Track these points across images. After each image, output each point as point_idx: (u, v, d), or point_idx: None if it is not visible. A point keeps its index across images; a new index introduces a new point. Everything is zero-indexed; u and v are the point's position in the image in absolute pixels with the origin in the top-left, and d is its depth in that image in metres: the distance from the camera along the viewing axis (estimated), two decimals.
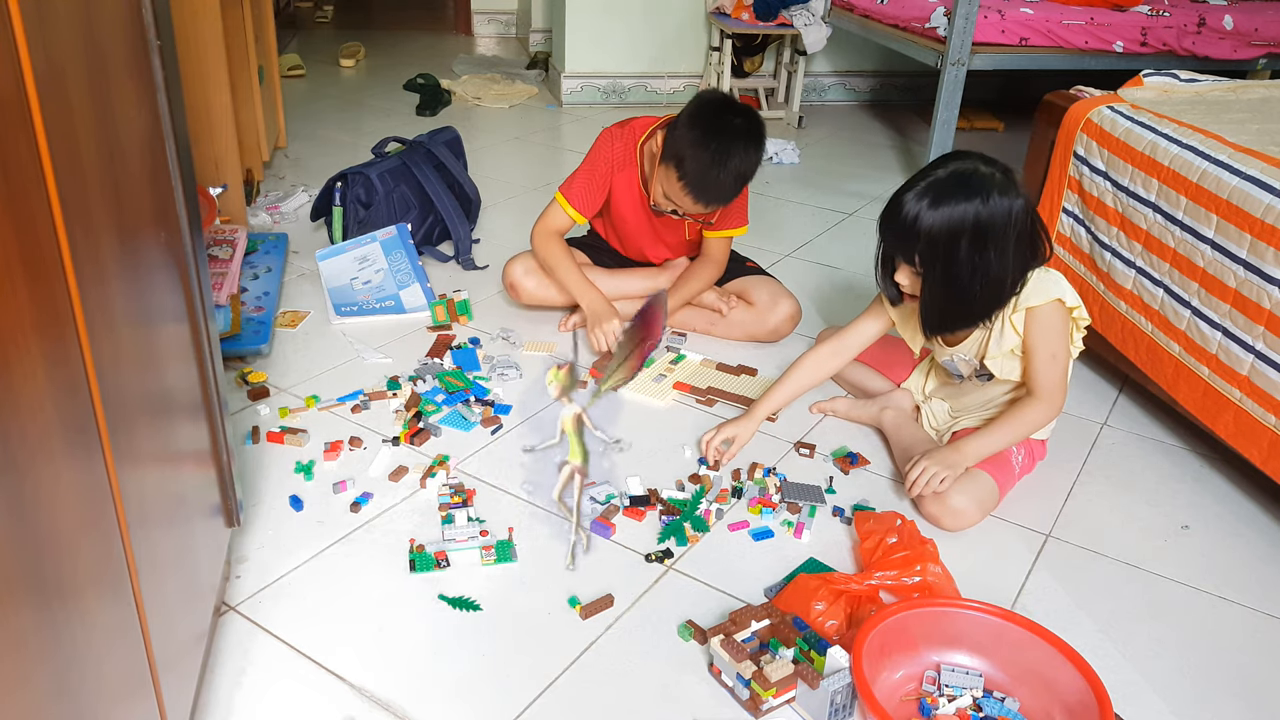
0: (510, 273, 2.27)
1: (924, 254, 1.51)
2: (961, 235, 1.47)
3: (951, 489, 1.61)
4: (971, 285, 1.51)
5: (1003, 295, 1.56)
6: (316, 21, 6.18)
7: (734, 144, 1.93)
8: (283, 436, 1.78)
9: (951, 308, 1.56)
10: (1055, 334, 1.60)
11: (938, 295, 1.55)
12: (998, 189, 1.48)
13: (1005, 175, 1.51)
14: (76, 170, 0.82)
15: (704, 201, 1.98)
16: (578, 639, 1.38)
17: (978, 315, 1.58)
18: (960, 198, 1.47)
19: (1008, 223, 1.48)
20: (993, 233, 1.47)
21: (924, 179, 1.52)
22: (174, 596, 1.09)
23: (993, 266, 1.50)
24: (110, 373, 0.88)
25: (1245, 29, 3.31)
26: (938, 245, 1.49)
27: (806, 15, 3.90)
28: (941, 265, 1.51)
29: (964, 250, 1.48)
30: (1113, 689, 1.21)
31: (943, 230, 1.47)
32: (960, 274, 1.50)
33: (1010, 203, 1.48)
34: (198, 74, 2.39)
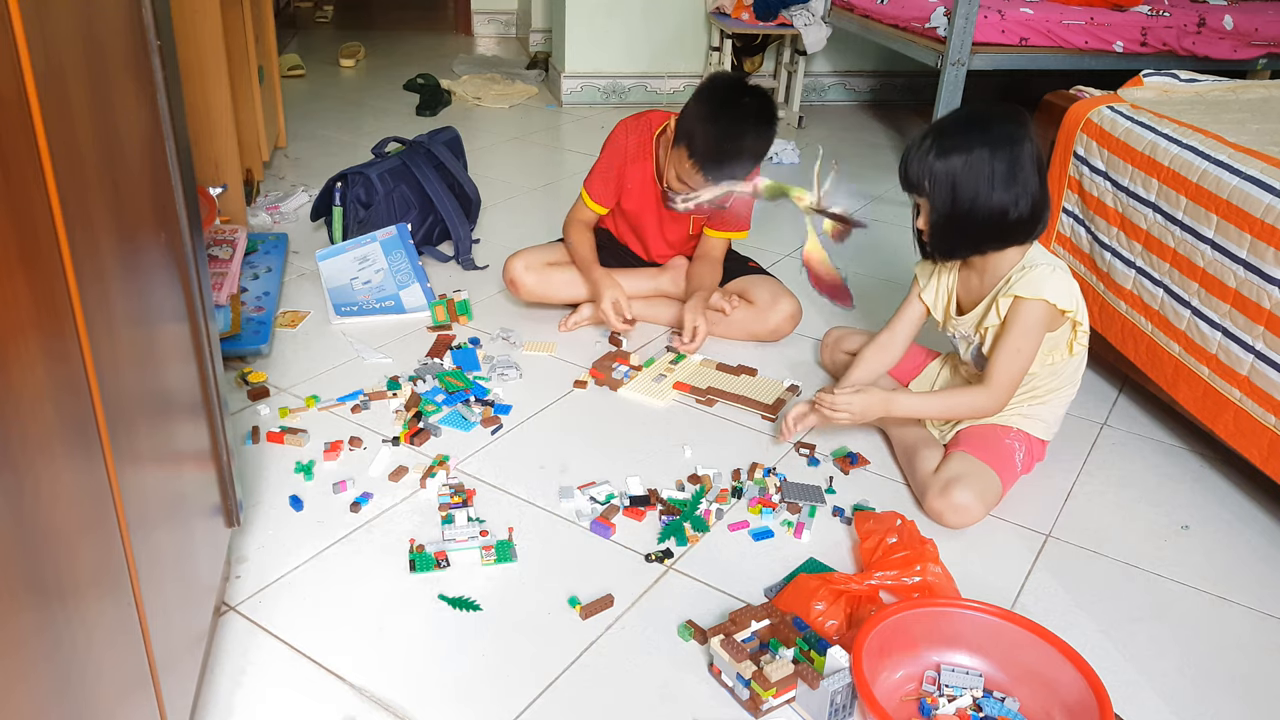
0: (510, 269, 2.27)
1: (933, 189, 1.59)
2: (964, 170, 1.56)
3: (959, 484, 1.61)
4: (975, 214, 1.58)
5: (1004, 228, 1.60)
6: (316, 21, 6.17)
7: (744, 121, 1.94)
8: (283, 436, 1.78)
9: (952, 230, 1.62)
10: (1027, 330, 1.61)
11: (940, 220, 1.62)
12: (999, 121, 1.57)
13: (1013, 114, 1.59)
14: (76, 170, 0.82)
15: (715, 178, 1.97)
16: (578, 639, 1.38)
17: (980, 244, 1.64)
18: (963, 133, 1.58)
19: (1009, 153, 1.55)
20: (1000, 165, 1.55)
21: (935, 123, 1.63)
22: (174, 596, 1.09)
23: (992, 196, 1.56)
24: (110, 372, 0.88)
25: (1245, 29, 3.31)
26: (940, 176, 1.57)
27: (806, 15, 3.90)
28: (945, 192, 1.58)
29: (968, 184, 1.56)
30: (1113, 689, 1.21)
31: (943, 163, 1.57)
32: (965, 205, 1.58)
33: (1013, 132, 1.56)
34: (198, 74, 2.39)
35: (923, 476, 1.69)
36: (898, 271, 2.63)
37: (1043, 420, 1.74)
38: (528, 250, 2.29)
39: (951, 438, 1.76)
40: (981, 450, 1.68)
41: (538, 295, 2.27)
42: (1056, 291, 1.59)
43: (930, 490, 1.64)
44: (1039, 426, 1.74)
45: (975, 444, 1.70)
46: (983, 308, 1.69)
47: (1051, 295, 1.58)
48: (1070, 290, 1.62)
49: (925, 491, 1.65)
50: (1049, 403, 1.74)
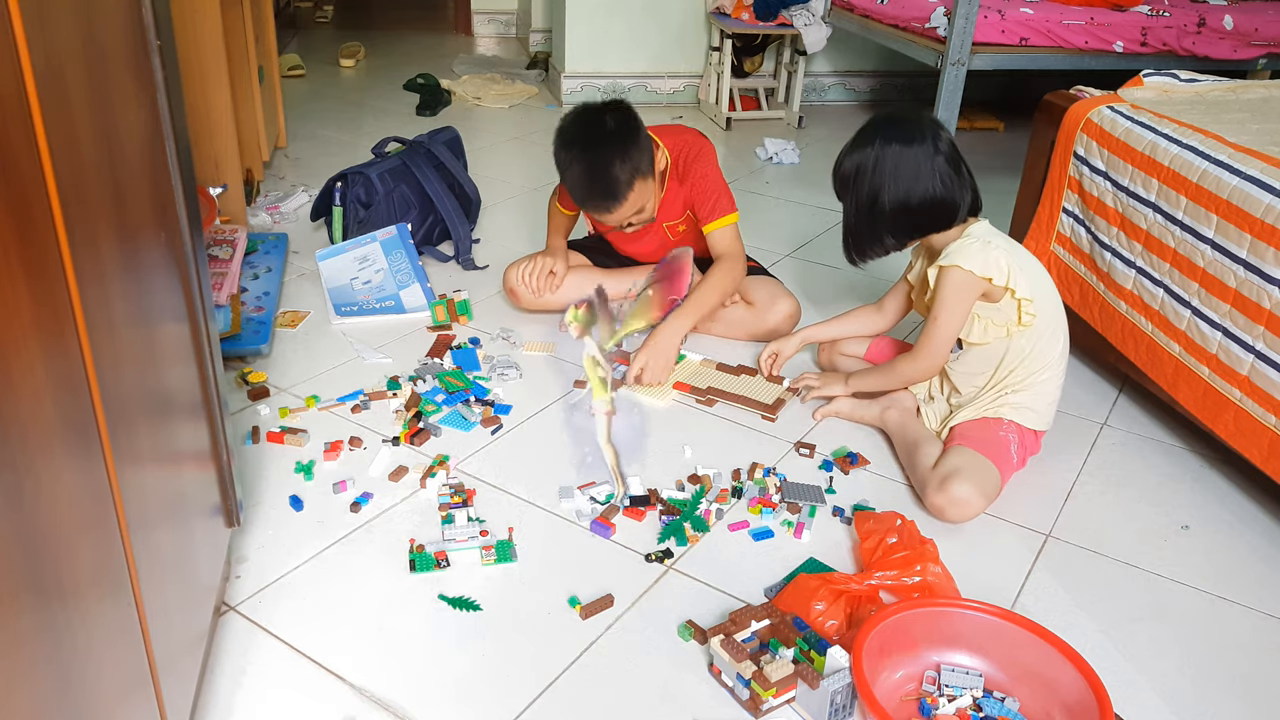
0: (510, 278, 2.27)
1: (840, 190, 1.77)
2: (861, 169, 1.71)
3: (958, 478, 1.61)
4: (870, 212, 1.72)
5: (910, 219, 1.72)
6: (316, 21, 6.17)
7: (588, 148, 1.94)
8: (283, 436, 1.78)
9: (858, 230, 1.77)
10: (947, 295, 1.70)
11: (850, 221, 1.78)
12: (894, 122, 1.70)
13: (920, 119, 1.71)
14: (76, 170, 0.82)
15: (603, 209, 2.01)
16: (578, 639, 1.38)
17: (879, 239, 1.76)
18: (864, 139, 1.71)
19: (900, 148, 1.67)
20: (884, 164, 1.68)
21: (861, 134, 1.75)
22: (174, 596, 1.09)
23: (890, 195, 1.69)
24: (110, 373, 0.88)
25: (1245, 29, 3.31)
26: (846, 181, 1.74)
27: (806, 15, 3.90)
28: (852, 197, 1.75)
29: (866, 182, 1.70)
30: (1113, 689, 1.21)
31: (848, 168, 1.73)
32: (861, 202, 1.73)
33: (907, 130, 1.68)
34: (198, 74, 2.39)
35: (922, 472, 1.69)
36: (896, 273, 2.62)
37: (1032, 410, 1.74)
38: (526, 259, 2.28)
39: (948, 434, 1.76)
40: (978, 443, 1.69)
41: (538, 305, 2.27)
42: (972, 260, 1.66)
43: (929, 485, 1.64)
44: (1030, 416, 1.74)
45: (971, 438, 1.70)
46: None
47: (966, 263, 1.66)
48: (987, 259, 1.66)
49: (925, 487, 1.66)
50: (1033, 390, 1.73)
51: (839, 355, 2.06)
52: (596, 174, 1.95)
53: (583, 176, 1.97)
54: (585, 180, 1.97)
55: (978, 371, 1.77)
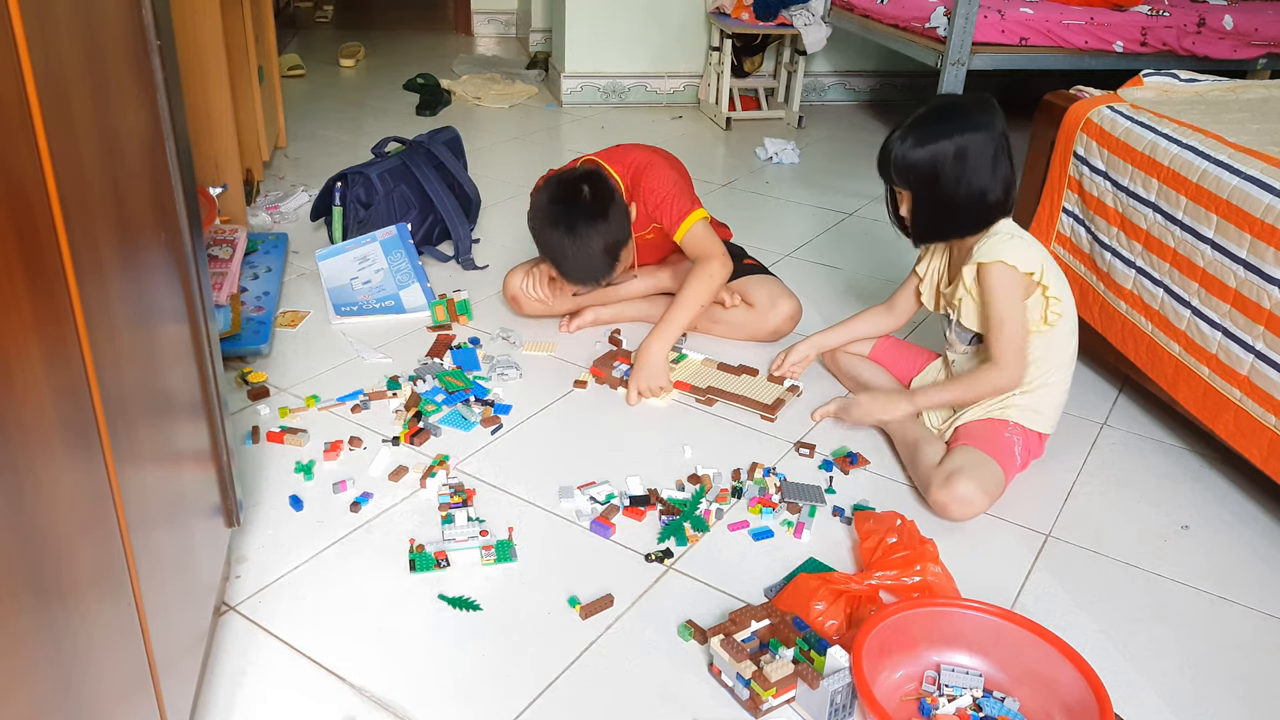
0: (510, 285, 2.27)
1: (915, 180, 1.67)
2: (945, 159, 1.63)
3: (962, 476, 1.61)
4: (954, 200, 1.65)
5: (986, 207, 1.67)
6: (316, 21, 6.18)
7: (571, 231, 1.94)
8: (283, 436, 1.78)
9: (939, 217, 1.71)
10: (1000, 296, 1.66)
11: (926, 210, 1.70)
12: (978, 113, 1.64)
13: (984, 102, 1.66)
14: (76, 170, 0.82)
15: (580, 285, 2.07)
16: (578, 639, 1.38)
17: (964, 226, 1.71)
18: (940, 125, 1.64)
19: (987, 142, 1.62)
20: (973, 151, 1.62)
21: (911, 117, 1.69)
22: (174, 597, 1.09)
23: (973, 181, 1.64)
24: (110, 373, 0.88)
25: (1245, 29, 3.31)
26: (923, 170, 1.65)
27: (806, 15, 3.90)
28: (929, 187, 1.67)
29: (950, 171, 1.63)
30: (1113, 689, 1.21)
31: (927, 157, 1.64)
32: (948, 191, 1.65)
33: (989, 125, 1.63)
34: (198, 74, 2.39)
35: (925, 471, 1.69)
36: (899, 272, 2.62)
37: (1038, 412, 1.74)
38: (526, 265, 2.28)
39: (952, 433, 1.76)
40: (982, 443, 1.69)
41: (539, 311, 2.26)
42: (1014, 254, 1.64)
43: (933, 483, 1.64)
44: (1036, 419, 1.74)
45: (976, 437, 1.70)
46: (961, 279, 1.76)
47: (1010, 257, 1.64)
48: (1029, 254, 1.65)
49: (928, 485, 1.65)
50: (1041, 393, 1.73)
51: (843, 354, 2.05)
52: (583, 256, 1.96)
53: (572, 260, 1.98)
54: (574, 263, 1.98)
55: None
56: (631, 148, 2.18)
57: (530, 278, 2.22)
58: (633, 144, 2.21)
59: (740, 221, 2.74)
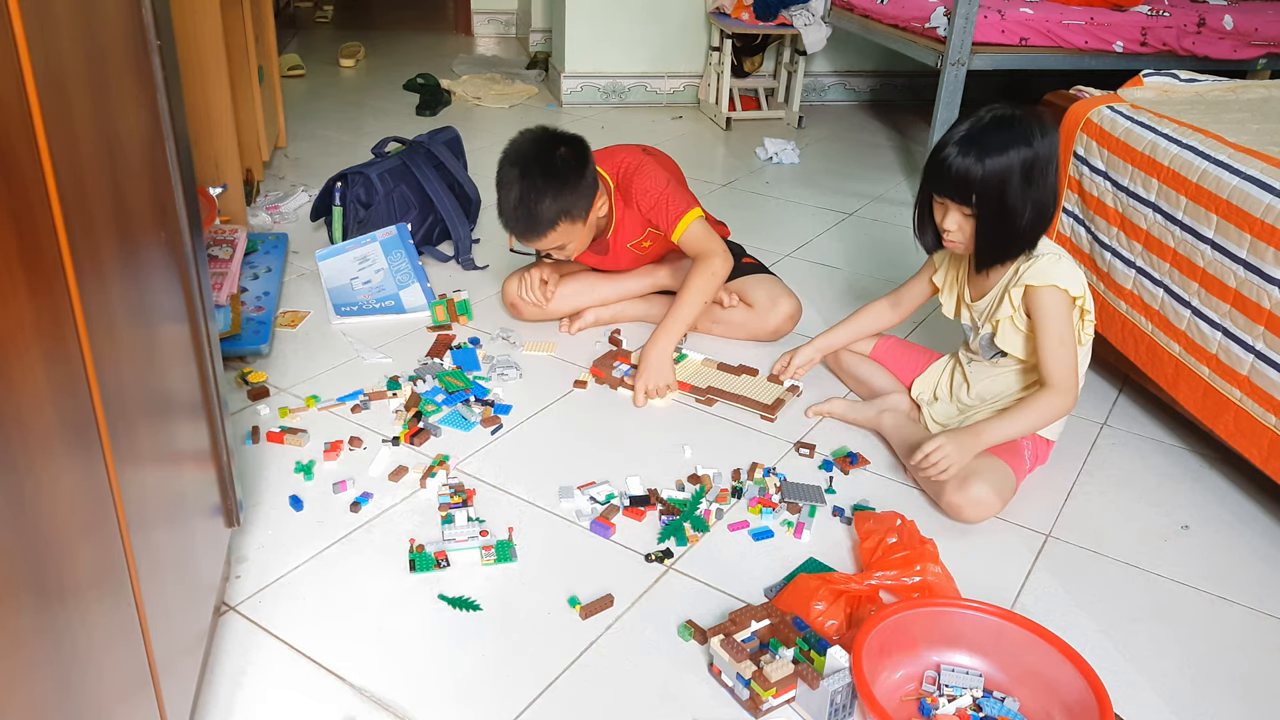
0: (509, 292, 2.27)
1: (980, 195, 1.60)
2: (1013, 174, 1.58)
3: (976, 479, 1.61)
4: (1022, 217, 1.61)
5: (1046, 222, 1.64)
6: (316, 21, 6.17)
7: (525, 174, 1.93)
8: (283, 436, 1.78)
9: (1006, 239, 1.65)
10: (1056, 319, 1.63)
11: (993, 230, 1.63)
12: (1038, 128, 1.60)
13: (1038, 116, 1.63)
14: (76, 170, 0.82)
15: (518, 235, 2.00)
16: (578, 639, 1.38)
17: (1025, 244, 1.66)
18: (1008, 140, 1.58)
19: (1050, 157, 1.60)
20: (1037, 167, 1.58)
21: (965, 128, 1.62)
22: (174, 597, 1.09)
23: (1037, 197, 1.60)
24: (110, 373, 0.88)
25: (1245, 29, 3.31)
26: (992, 186, 1.59)
27: (806, 15, 3.90)
28: (997, 203, 1.60)
29: (1017, 186, 1.58)
30: (1113, 689, 1.21)
31: (996, 172, 1.58)
32: (1014, 208, 1.60)
33: (1050, 139, 1.61)
34: (198, 74, 2.39)
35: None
36: (899, 272, 2.63)
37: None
38: (521, 270, 2.28)
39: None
40: (995, 447, 1.68)
41: (538, 315, 2.26)
42: (1065, 277, 1.62)
43: (948, 485, 1.63)
44: (1047, 429, 1.74)
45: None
46: (993, 297, 1.72)
47: (1062, 281, 1.62)
48: (1077, 276, 1.64)
49: (941, 488, 1.65)
50: None
51: (845, 353, 2.04)
52: (527, 203, 1.93)
53: (514, 201, 1.95)
54: (515, 205, 1.95)
55: (1015, 386, 1.76)
56: (621, 149, 2.16)
57: (524, 282, 2.22)
58: (623, 145, 2.20)
59: (740, 221, 2.74)
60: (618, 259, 2.20)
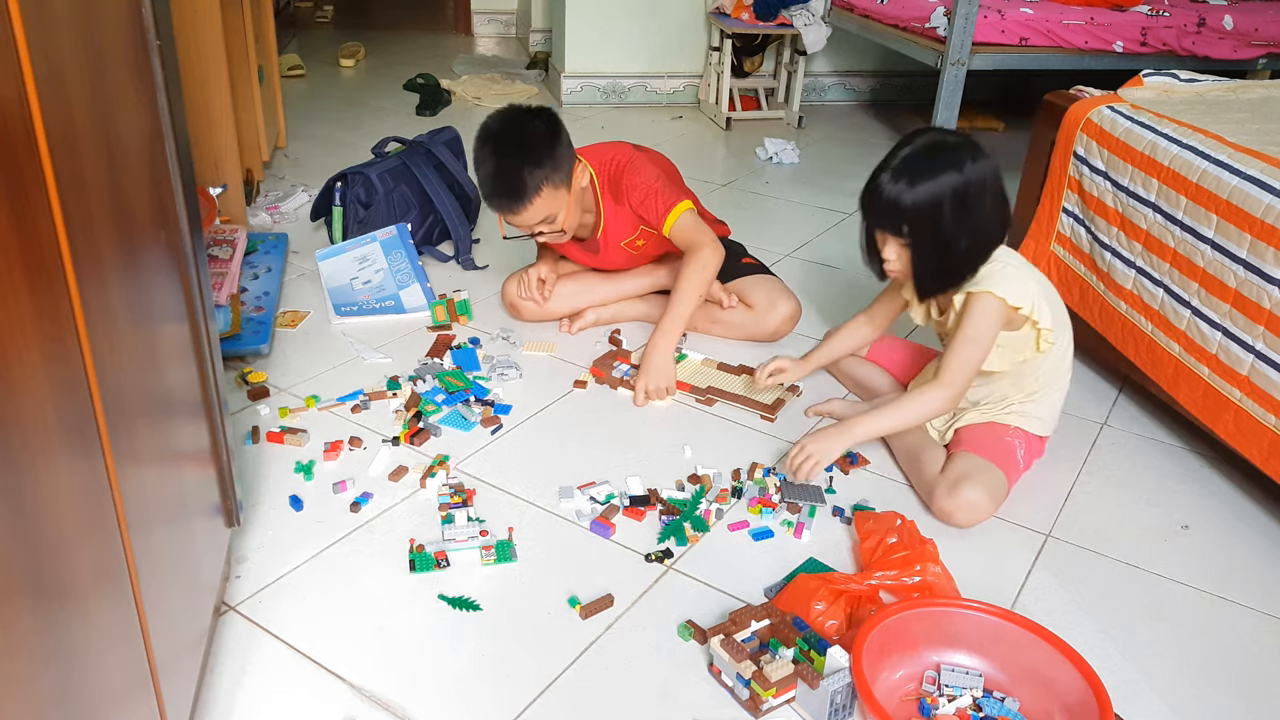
0: (508, 293, 2.27)
1: (912, 225, 1.58)
2: (944, 202, 1.55)
3: (967, 483, 1.60)
4: (958, 245, 1.59)
5: (987, 250, 1.62)
6: (316, 21, 6.17)
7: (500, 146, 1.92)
8: (283, 436, 1.78)
9: (943, 268, 1.63)
10: (974, 322, 1.62)
11: (929, 259, 1.62)
12: (970, 154, 1.56)
13: (972, 142, 1.59)
14: (76, 170, 0.82)
15: (506, 209, 1.95)
16: (578, 639, 1.38)
17: (966, 272, 1.63)
18: (938, 168, 1.55)
19: (984, 184, 1.56)
20: (971, 195, 1.56)
21: (897, 156, 1.59)
22: (174, 596, 1.09)
23: (975, 225, 1.58)
24: (110, 373, 0.88)
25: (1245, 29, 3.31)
26: (924, 215, 1.56)
27: (806, 15, 3.90)
28: (930, 232, 1.58)
29: (949, 215, 1.56)
30: (1113, 689, 1.21)
31: (927, 201, 1.55)
32: (948, 237, 1.57)
33: (983, 165, 1.57)
34: (198, 74, 2.39)
35: (929, 478, 1.68)
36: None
37: (1039, 418, 1.74)
38: (522, 271, 2.28)
39: (952, 438, 1.76)
40: (984, 448, 1.68)
41: (538, 316, 2.26)
42: (1005, 286, 1.60)
43: (938, 490, 1.63)
44: (1036, 424, 1.74)
45: (977, 443, 1.70)
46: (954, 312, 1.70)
47: (999, 289, 1.59)
48: (1022, 289, 1.61)
49: (932, 492, 1.65)
50: (1041, 400, 1.74)
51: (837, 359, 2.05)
52: (505, 173, 1.91)
53: (492, 173, 1.92)
54: (493, 177, 1.93)
55: (996, 394, 1.76)
56: (610, 145, 2.15)
57: (522, 282, 2.22)
58: (613, 142, 2.19)
59: (740, 221, 2.74)
60: (611, 258, 2.20)
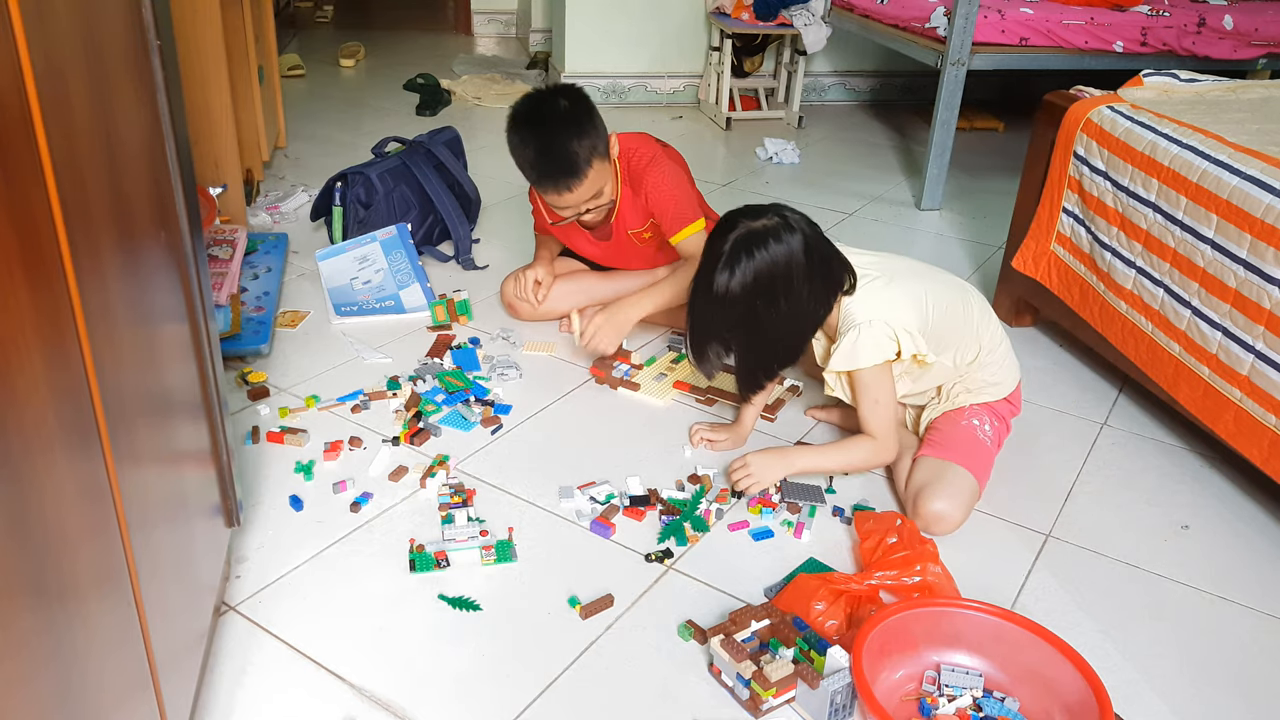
0: (506, 291, 2.27)
1: (732, 324, 1.57)
2: (757, 294, 1.52)
3: (928, 494, 1.59)
4: (777, 334, 1.58)
5: (808, 328, 1.61)
6: (316, 21, 6.17)
7: (544, 123, 1.91)
8: (283, 436, 1.78)
9: (766, 360, 1.64)
10: (867, 387, 1.61)
11: (752, 353, 1.62)
12: (772, 238, 1.52)
13: (780, 220, 1.55)
14: (76, 170, 0.82)
15: (562, 186, 1.93)
16: (578, 639, 1.38)
17: (787, 358, 1.65)
18: (745, 260, 1.51)
19: (790, 267, 1.52)
20: (778, 281, 1.52)
21: (712, 259, 1.55)
22: (174, 597, 1.09)
23: (791, 309, 1.55)
24: (110, 373, 0.88)
25: (1245, 29, 3.31)
26: (739, 312, 1.54)
27: (806, 15, 3.90)
28: (748, 327, 1.57)
29: (763, 306, 1.54)
30: (1113, 689, 1.21)
31: (740, 297, 1.53)
32: (765, 327, 1.56)
33: (789, 245, 1.52)
34: (198, 74, 2.39)
35: (899, 491, 1.69)
36: None
37: (991, 383, 1.72)
38: (519, 270, 2.27)
39: (924, 434, 1.75)
40: (944, 448, 1.66)
41: (537, 315, 2.26)
42: (867, 355, 1.57)
43: (907, 507, 1.64)
44: (991, 390, 1.72)
45: (939, 441, 1.68)
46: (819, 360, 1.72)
47: (864, 360, 1.58)
48: (882, 343, 1.58)
49: (904, 507, 1.65)
50: (983, 364, 1.71)
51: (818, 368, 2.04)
52: (554, 150, 1.90)
53: (540, 153, 1.91)
54: (542, 157, 1.91)
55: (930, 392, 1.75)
56: (634, 136, 2.15)
57: (519, 282, 2.22)
58: (638, 133, 2.17)
59: None
60: (619, 246, 2.20)
